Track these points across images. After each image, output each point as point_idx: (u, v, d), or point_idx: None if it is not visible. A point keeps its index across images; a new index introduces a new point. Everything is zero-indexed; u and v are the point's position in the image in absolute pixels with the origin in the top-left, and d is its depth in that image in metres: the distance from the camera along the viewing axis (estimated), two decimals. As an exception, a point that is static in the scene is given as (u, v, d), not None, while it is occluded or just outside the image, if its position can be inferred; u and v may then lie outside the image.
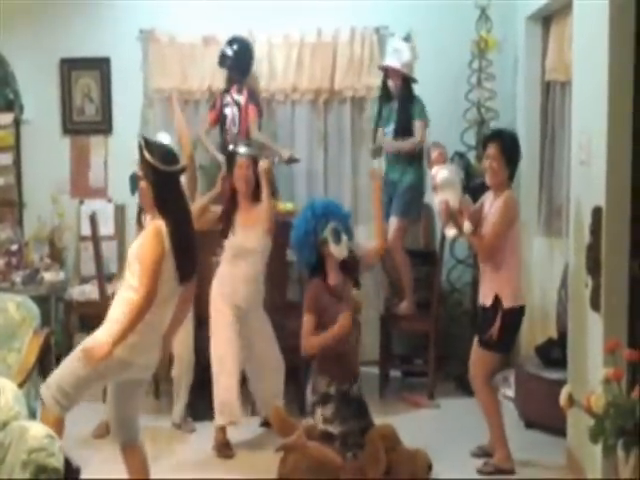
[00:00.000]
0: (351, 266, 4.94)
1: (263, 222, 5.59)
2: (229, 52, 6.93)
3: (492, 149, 5.21)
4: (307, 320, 4.78)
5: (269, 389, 5.70)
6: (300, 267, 5.50)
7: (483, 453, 5.36)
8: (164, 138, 6.05)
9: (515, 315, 5.18)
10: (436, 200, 5.50)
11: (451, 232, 5.52)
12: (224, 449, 5.56)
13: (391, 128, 6.55)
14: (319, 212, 4.89)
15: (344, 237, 4.82)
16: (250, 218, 5.62)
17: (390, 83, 6.54)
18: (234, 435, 5.64)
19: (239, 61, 6.96)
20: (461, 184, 5.47)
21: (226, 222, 5.64)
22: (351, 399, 4.85)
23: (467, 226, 5.24)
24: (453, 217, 5.35)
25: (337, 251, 4.81)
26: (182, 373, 5.96)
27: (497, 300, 5.12)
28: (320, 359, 4.91)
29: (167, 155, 4.32)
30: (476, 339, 5.31)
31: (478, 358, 5.24)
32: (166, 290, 4.23)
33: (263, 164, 5.66)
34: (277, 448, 5.07)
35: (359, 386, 4.97)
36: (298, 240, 4.92)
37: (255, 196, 5.65)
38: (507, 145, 5.20)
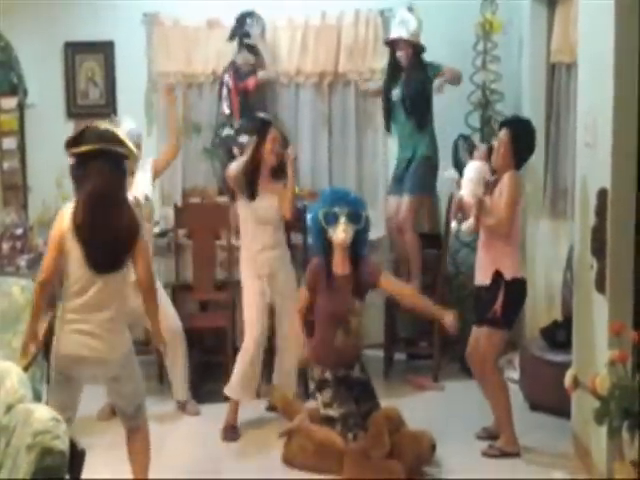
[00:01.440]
0: (364, 276, 5.02)
1: (283, 204, 5.61)
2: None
3: (503, 134, 5.23)
4: (301, 293, 4.87)
5: (286, 363, 5.73)
6: (306, 254, 5.55)
7: (488, 435, 5.36)
8: (129, 123, 6.01)
9: (517, 288, 5.19)
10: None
11: (453, 224, 5.53)
12: (230, 431, 5.56)
13: (398, 94, 6.56)
14: (325, 200, 4.94)
15: (342, 219, 4.82)
16: (269, 189, 5.64)
17: (399, 53, 6.54)
18: (240, 416, 5.65)
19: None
20: (482, 182, 5.40)
21: (252, 185, 5.60)
22: (352, 382, 4.86)
23: (467, 224, 5.29)
24: (463, 212, 5.35)
25: (333, 234, 4.83)
26: (171, 352, 5.81)
27: (497, 276, 5.12)
28: (312, 349, 4.94)
29: (74, 138, 4.34)
30: (475, 325, 5.31)
31: (484, 339, 5.21)
32: (79, 277, 4.21)
33: (292, 152, 5.70)
34: (280, 433, 5.10)
35: (361, 368, 4.98)
36: (309, 229, 4.99)
37: (275, 174, 5.68)
38: (517, 134, 5.19)
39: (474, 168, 5.45)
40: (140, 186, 5.91)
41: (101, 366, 4.33)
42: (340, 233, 4.88)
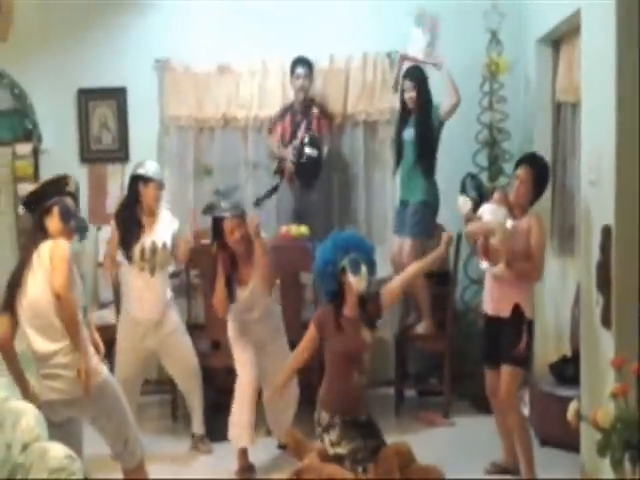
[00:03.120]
0: (371, 308, 4.95)
1: (263, 280, 5.59)
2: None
3: (523, 172, 5.27)
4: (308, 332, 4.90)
5: (284, 419, 5.77)
6: (320, 295, 5.50)
7: (497, 470, 5.40)
8: (152, 164, 6.11)
9: (532, 327, 5.25)
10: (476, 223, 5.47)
11: (484, 265, 5.50)
12: (246, 472, 5.60)
13: (411, 133, 6.65)
14: (340, 243, 4.91)
15: (363, 268, 4.82)
16: (249, 273, 5.65)
17: (407, 95, 6.62)
18: (251, 456, 5.68)
19: None
20: (506, 225, 5.28)
21: (230, 290, 5.62)
22: (358, 424, 4.86)
23: (498, 270, 5.25)
24: (489, 257, 5.35)
25: (355, 282, 4.81)
26: (191, 388, 6.04)
27: (517, 311, 5.16)
28: (323, 393, 4.95)
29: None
30: (490, 367, 5.33)
31: (509, 377, 5.20)
32: None
33: (253, 220, 5.58)
34: (291, 474, 5.08)
35: (369, 416, 4.97)
36: (318, 269, 4.95)
37: (248, 250, 5.63)
38: (538, 172, 5.27)
39: (492, 211, 5.34)
40: (161, 232, 6.00)
41: (72, 407, 4.39)
42: (362, 282, 4.88)
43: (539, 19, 6.66)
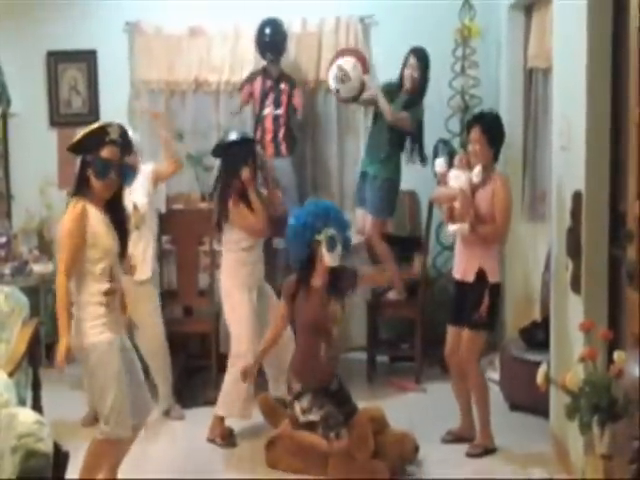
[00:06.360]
0: (346, 283, 5.00)
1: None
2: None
3: (474, 132, 5.25)
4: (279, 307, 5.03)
5: (279, 365, 5.69)
6: (289, 258, 5.41)
7: (454, 438, 5.44)
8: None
9: (498, 291, 5.28)
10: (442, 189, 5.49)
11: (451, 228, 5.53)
12: (227, 438, 5.53)
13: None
14: (321, 212, 4.92)
15: (339, 246, 4.84)
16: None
17: (407, 72, 6.49)
18: (230, 422, 5.64)
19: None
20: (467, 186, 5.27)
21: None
22: (329, 393, 4.89)
23: (461, 229, 5.26)
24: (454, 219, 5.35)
25: (328, 258, 4.84)
26: (156, 360, 5.88)
27: (481, 275, 5.17)
28: (294, 362, 4.97)
29: None
30: (453, 325, 5.35)
31: (469, 341, 5.24)
32: None
33: (271, 172, 5.72)
34: (266, 443, 5.09)
35: (339, 381, 5.00)
36: (293, 232, 4.94)
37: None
38: (488, 126, 5.24)
39: (456, 177, 5.34)
40: (133, 194, 5.87)
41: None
42: (335, 259, 4.89)
43: (512, -16, 6.64)
